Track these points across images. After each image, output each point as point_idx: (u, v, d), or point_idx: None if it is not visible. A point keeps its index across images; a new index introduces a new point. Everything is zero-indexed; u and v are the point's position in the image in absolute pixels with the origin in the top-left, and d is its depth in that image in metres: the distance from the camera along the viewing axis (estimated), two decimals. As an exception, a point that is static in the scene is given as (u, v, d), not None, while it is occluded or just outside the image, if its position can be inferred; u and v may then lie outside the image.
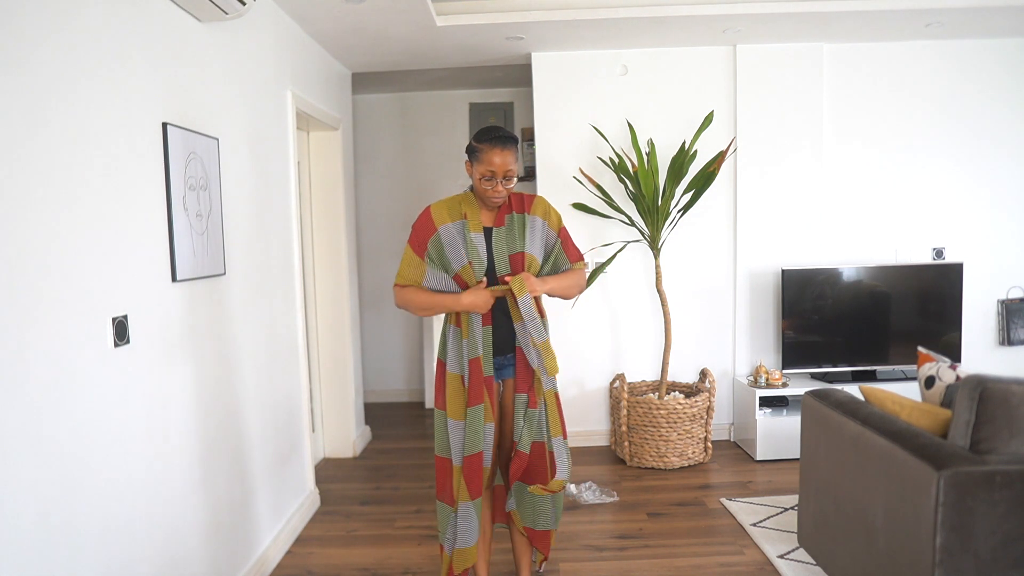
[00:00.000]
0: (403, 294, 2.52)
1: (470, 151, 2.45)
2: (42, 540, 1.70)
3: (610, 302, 4.59)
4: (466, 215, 2.46)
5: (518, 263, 2.47)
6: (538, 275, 2.54)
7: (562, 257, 2.59)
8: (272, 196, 3.29)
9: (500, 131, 2.42)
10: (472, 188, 2.52)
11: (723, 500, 3.65)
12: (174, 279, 2.33)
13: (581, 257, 2.66)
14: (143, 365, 2.16)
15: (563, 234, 2.60)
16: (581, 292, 2.66)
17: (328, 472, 4.26)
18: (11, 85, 1.64)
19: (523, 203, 2.56)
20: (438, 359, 2.58)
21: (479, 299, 2.41)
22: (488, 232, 2.48)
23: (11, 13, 1.65)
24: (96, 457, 1.92)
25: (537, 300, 2.50)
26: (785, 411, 4.28)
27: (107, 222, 1.99)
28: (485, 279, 2.45)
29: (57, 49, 1.80)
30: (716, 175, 4.07)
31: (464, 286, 2.44)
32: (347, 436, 4.52)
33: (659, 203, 4.08)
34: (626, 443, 4.21)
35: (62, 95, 1.82)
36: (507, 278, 2.42)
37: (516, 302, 2.42)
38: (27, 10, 1.70)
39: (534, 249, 2.51)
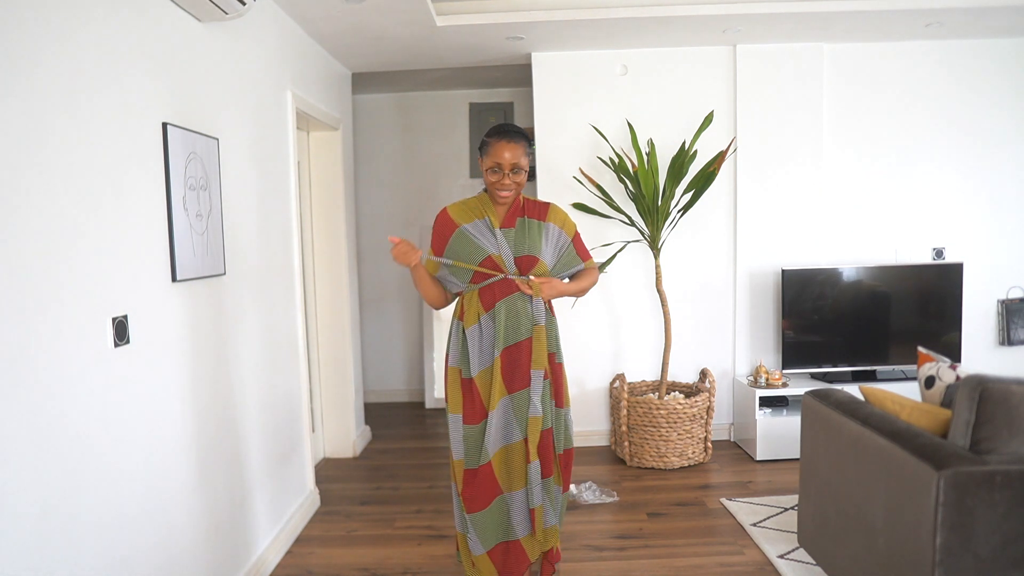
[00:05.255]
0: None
1: (481, 147, 2.52)
2: (43, 538, 1.70)
3: (610, 302, 4.59)
4: (488, 215, 2.52)
5: (524, 266, 2.50)
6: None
7: (575, 259, 2.65)
8: (272, 196, 3.29)
9: (510, 127, 2.50)
10: (486, 189, 2.57)
11: (723, 500, 3.65)
12: (174, 279, 2.33)
13: (590, 256, 2.72)
14: (143, 365, 2.16)
15: (576, 239, 2.67)
16: (594, 285, 2.74)
17: (328, 472, 4.26)
18: (11, 84, 1.64)
19: (538, 209, 2.60)
20: (446, 353, 2.61)
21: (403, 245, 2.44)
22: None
23: (12, 12, 1.65)
24: (96, 456, 1.92)
25: (548, 303, 2.60)
26: (785, 411, 4.28)
27: (107, 222, 1.99)
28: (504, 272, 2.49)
29: (58, 49, 1.80)
30: (716, 175, 4.07)
31: (496, 268, 2.48)
32: (347, 436, 4.52)
33: (659, 203, 4.08)
34: (626, 443, 4.21)
35: (62, 95, 1.82)
36: (532, 281, 2.48)
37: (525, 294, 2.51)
38: (28, 10, 1.70)
39: (547, 256, 2.55)
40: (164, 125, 2.28)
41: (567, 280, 2.69)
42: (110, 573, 1.95)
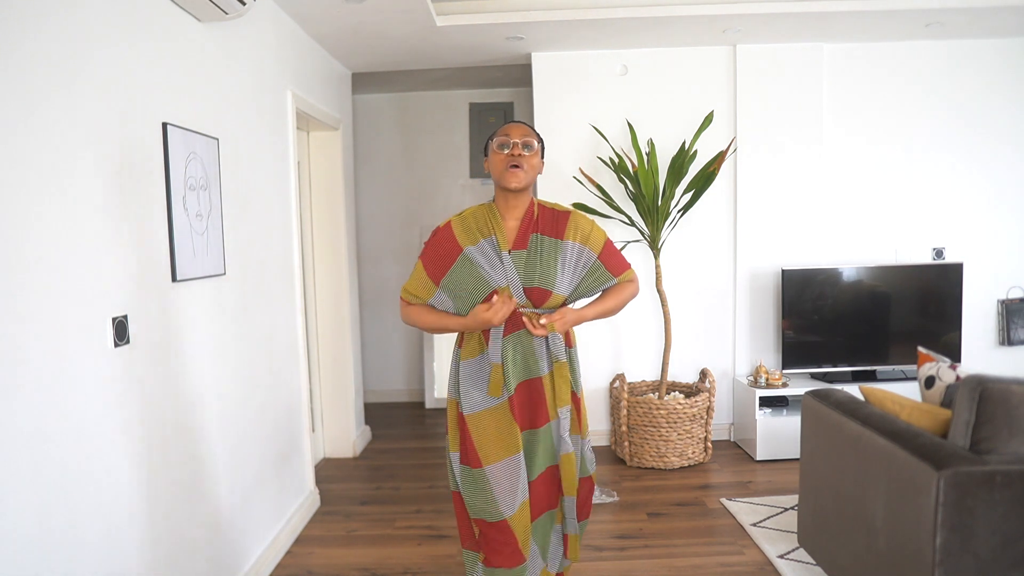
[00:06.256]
0: (410, 312, 2.26)
1: (486, 146, 2.19)
2: (41, 539, 1.70)
3: (610, 302, 4.59)
4: (495, 233, 2.13)
5: (535, 299, 2.12)
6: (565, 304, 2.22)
7: (605, 276, 2.22)
8: (272, 196, 3.29)
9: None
10: (495, 200, 2.20)
11: (723, 500, 3.65)
12: (174, 279, 2.33)
13: (628, 265, 2.29)
14: (143, 365, 2.16)
15: (606, 251, 2.23)
16: (633, 298, 2.34)
17: (328, 472, 4.26)
18: (10, 84, 1.64)
19: (556, 223, 2.17)
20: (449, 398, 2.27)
21: (493, 312, 2.03)
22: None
23: (10, 11, 1.65)
24: (96, 456, 1.92)
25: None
26: (785, 411, 4.28)
27: (107, 222, 1.99)
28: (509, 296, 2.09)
29: (57, 48, 1.80)
30: (716, 175, 4.07)
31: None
32: (347, 436, 4.52)
33: (659, 203, 4.08)
34: (626, 443, 4.21)
35: (62, 94, 1.82)
36: (543, 320, 2.07)
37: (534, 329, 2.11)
38: (27, 9, 1.70)
39: (563, 285, 2.14)
40: (164, 125, 2.28)
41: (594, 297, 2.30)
42: (110, 572, 1.95)
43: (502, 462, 2.11)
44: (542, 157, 2.18)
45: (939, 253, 4.57)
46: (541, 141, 2.19)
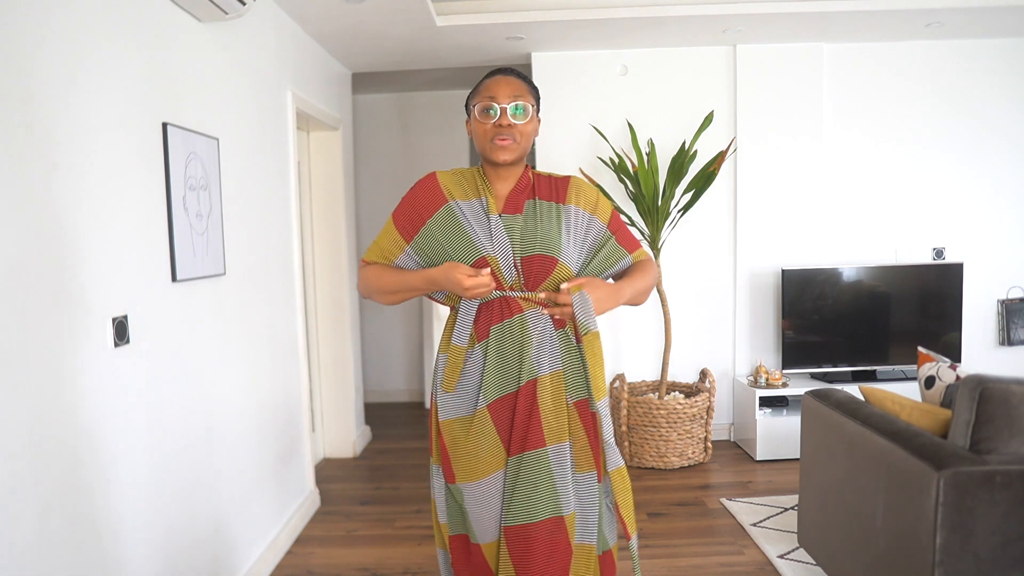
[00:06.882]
0: (368, 274, 1.83)
1: (467, 101, 1.80)
2: (41, 540, 1.70)
3: (610, 302, 4.59)
4: (486, 195, 1.76)
5: (535, 271, 1.72)
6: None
7: (618, 251, 1.85)
8: (272, 196, 3.29)
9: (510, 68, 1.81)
10: (481, 166, 1.83)
11: (723, 500, 3.65)
12: (174, 279, 2.33)
13: (639, 242, 1.92)
14: (143, 365, 2.16)
15: (615, 222, 1.87)
16: (656, 281, 1.94)
17: (328, 472, 4.26)
18: (10, 84, 1.64)
19: (555, 187, 1.81)
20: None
21: (474, 281, 1.64)
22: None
23: (9, 11, 1.65)
24: (96, 457, 1.91)
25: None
26: (785, 411, 4.28)
27: (107, 222, 1.99)
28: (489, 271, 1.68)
29: (56, 49, 1.80)
30: (716, 175, 4.07)
31: (495, 279, 1.72)
32: (347, 436, 4.53)
33: (659, 203, 4.08)
34: (626, 443, 4.21)
35: (61, 94, 1.81)
36: (565, 286, 1.69)
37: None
38: (27, 9, 1.70)
39: (569, 254, 1.74)
40: (164, 125, 2.28)
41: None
42: (110, 573, 1.95)
43: (474, 483, 1.72)
44: (538, 113, 1.75)
45: (939, 253, 4.57)
46: (536, 95, 1.77)
